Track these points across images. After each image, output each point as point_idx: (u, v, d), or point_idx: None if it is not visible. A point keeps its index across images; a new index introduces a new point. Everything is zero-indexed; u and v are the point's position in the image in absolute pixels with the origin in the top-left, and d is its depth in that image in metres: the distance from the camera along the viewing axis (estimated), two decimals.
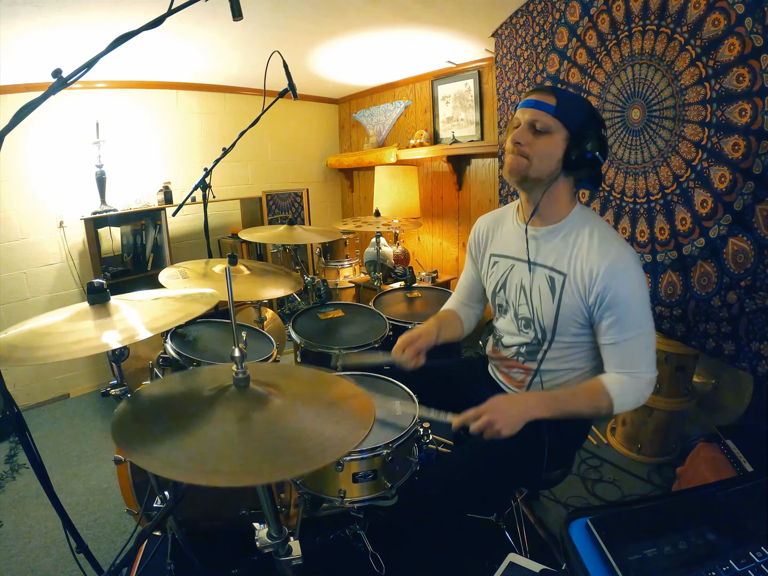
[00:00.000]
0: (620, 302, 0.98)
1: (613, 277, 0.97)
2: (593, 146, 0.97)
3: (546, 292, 1.07)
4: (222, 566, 1.36)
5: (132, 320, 0.88)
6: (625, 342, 1.00)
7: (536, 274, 1.09)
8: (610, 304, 0.98)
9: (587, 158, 0.98)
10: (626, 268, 0.98)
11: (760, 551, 0.57)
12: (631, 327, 0.99)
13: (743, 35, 1.24)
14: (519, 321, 1.15)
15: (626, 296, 0.98)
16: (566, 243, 1.06)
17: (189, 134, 3.17)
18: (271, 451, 0.65)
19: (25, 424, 0.90)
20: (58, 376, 2.79)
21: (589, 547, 0.63)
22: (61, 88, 0.82)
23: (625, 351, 1.01)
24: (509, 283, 1.17)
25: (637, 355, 1.00)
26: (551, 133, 0.99)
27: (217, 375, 0.86)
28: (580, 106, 1.03)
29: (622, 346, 1.00)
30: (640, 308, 0.99)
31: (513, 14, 2.22)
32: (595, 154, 0.98)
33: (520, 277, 1.13)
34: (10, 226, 2.52)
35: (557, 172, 1.02)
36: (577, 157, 0.98)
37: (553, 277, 1.06)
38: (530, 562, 0.74)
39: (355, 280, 3.06)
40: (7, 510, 1.82)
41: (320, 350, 1.54)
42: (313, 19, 2.20)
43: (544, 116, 0.99)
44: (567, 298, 1.04)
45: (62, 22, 1.90)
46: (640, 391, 1.01)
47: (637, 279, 0.99)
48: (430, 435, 1.20)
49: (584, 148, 0.98)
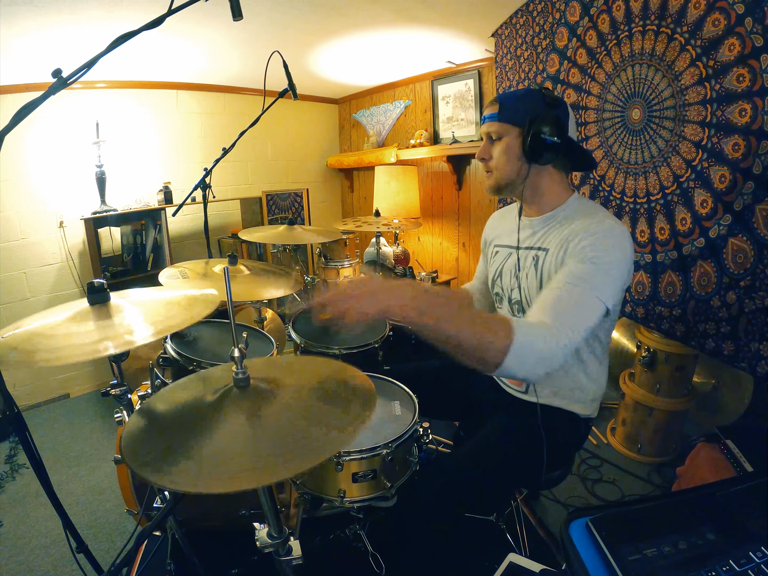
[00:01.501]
0: (586, 253, 0.92)
1: (590, 234, 0.95)
2: (549, 131, 0.98)
3: (531, 272, 1.09)
4: (222, 566, 1.36)
5: (133, 323, 0.88)
6: (560, 289, 0.89)
7: (527, 259, 1.11)
8: (577, 253, 0.94)
9: (547, 143, 0.99)
10: (601, 230, 0.95)
11: (760, 551, 0.57)
12: (575, 278, 0.89)
13: (743, 35, 1.24)
14: (513, 307, 1.17)
15: (594, 251, 0.92)
16: (559, 227, 1.06)
17: (189, 134, 3.17)
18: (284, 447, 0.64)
19: (25, 424, 0.90)
20: (58, 376, 2.79)
21: (589, 547, 0.63)
22: (61, 88, 0.82)
23: (555, 297, 0.88)
24: (504, 271, 1.20)
25: (564, 306, 0.86)
26: (503, 137, 1.05)
27: (216, 377, 0.85)
28: (524, 99, 1.05)
29: (555, 292, 0.89)
30: (601, 270, 0.90)
31: (513, 14, 2.22)
32: (554, 138, 0.98)
33: (514, 263, 1.16)
34: (10, 226, 2.52)
35: (525, 167, 1.04)
36: (535, 147, 1.00)
37: (538, 255, 1.08)
38: (530, 562, 0.75)
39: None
40: (7, 510, 1.82)
41: (320, 350, 1.54)
42: (313, 18, 2.20)
43: (493, 125, 1.06)
44: (546, 270, 1.04)
45: (62, 22, 1.90)
46: (547, 351, 0.81)
47: (615, 247, 0.93)
48: (429, 435, 1.20)
49: (539, 136, 0.99)
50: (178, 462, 0.62)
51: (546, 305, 0.88)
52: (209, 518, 1.32)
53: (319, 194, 4.03)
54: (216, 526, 1.38)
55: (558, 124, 0.99)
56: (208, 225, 1.99)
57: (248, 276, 1.62)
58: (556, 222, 1.08)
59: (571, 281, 0.90)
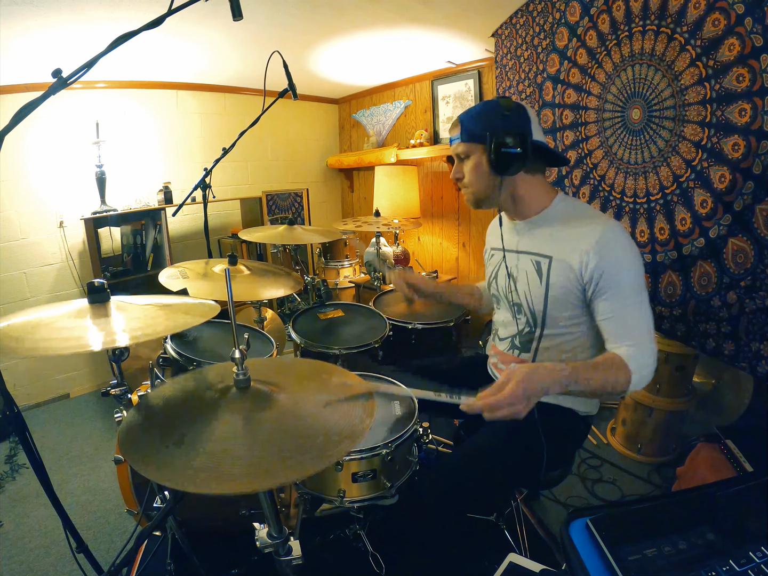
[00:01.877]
0: (614, 276, 0.97)
1: (605, 250, 0.98)
2: (511, 141, 0.99)
3: (533, 276, 1.10)
4: (222, 566, 1.36)
5: (127, 324, 0.87)
6: (624, 315, 0.98)
7: (521, 261, 1.14)
8: (605, 280, 0.98)
9: (512, 155, 1.00)
10: (616, 239, 0.98)
11: (760, 551, 0.57)
12: (628, 299, 0.98)
13: (743, 35, 1.24)
14: (512, 308, 1.18)
15: (619, 270, 0.98)
16: (549, 229, 1.09)
17: (189, 134, 3.17)
18: (282, 451, 0.64)
19: (25, 424, 0.90)
20: (58, 376, 2.79)
21: (589, 547, 0.63)
22: (61, 88, 0.82)
23: (625, 323, 0.98)
24: (500, 273, 1.22)
25: (637, 325, 0.98)
26: (469, 156, 1.08)
27: (217, 376, 0.85)
28: (482, 115, 1.05)
29: (622, 319, 0.98)
30: (634, 279, 0.98)
31: (513, 14, 2.22)
32: (516, 148, 0.99)
33: (508, 266, 1.18)
34: (10, 226, 2.52)
35: (497, 180, 1.06)
36: (500, 160, 1.01)
37: (539, 261, 1.09)
38: (530, 562, 0.75)
39: (355, 280, 3.06)
40: (7, 510, 1.82)
41: (320, 350, 1.54)
42: (313, 18, 2.20)
43: (458, 146, 1.09)
44: (555, 278, 1.05)
45: (62, 22, 1.90)
46: (649, 363, 0.96)
47: (629, 249, 0.99)
48: (429, 435, 1.20)
49: (501, 149, 1.00)
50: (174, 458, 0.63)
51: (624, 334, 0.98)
52: (209, 518, 1.32)
53: (319, 194, 4.03)
54: (216, 526, 1.38)
55: (518, 133, 1.00)
56: (208, 225, 1.99)
57: (248, 276, 1.62)
58: (542, 224, 1.10)
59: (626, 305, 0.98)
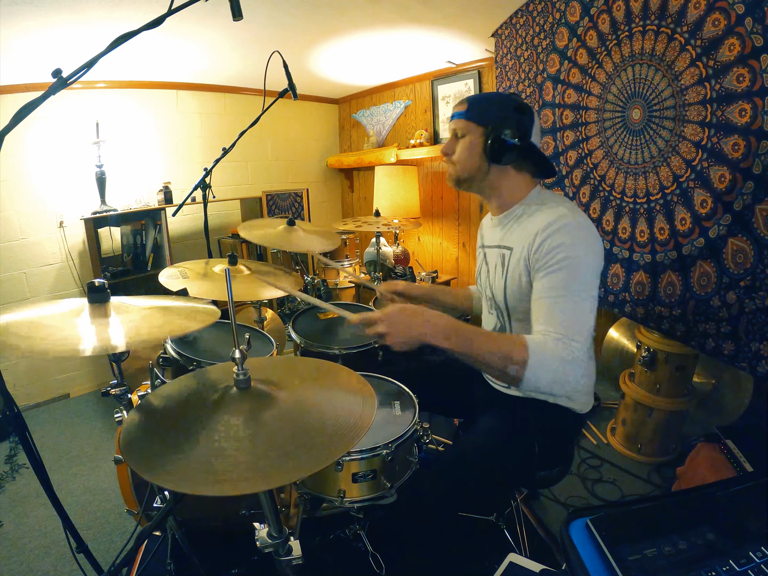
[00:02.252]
0: (553, 257, 0.94)
1: (550, 233, 0.96)
2: (511, 133, 1.01)
3: (498, 269, 1.13)
4: (222, 566, 1.36)
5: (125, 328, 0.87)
6: (554, 298, 0.93)
7: (493, 257, 1.16)
8: (544, 260, 0.96)
9: (507, 145, 1.02)
10: (566, 226, 0.96)
11: (760, 551, 0.57)
12: (566, 284, 0.93)
13: (743, 35, 1.24)
14: (489, 303, 1.22)
15: (565, 252, 0.94)
16: (517, 222, 1.11)
17: (189, 134, 3.17)
18: (283, 451, 0.64)
19: (25, 424, 0.90)
20: (58, 376, 2.79)
21: (589, 547, 0.63)
22: (61, 88, 0.82)
23: (552, 308, 0.92)
24: (482, 270, 1.24)
25: (566, 316, 0.91)
26: (467, 134, 1.09)
27: (217, 376, 0.85)
28: (493, 101, 1.09)
29: (551, 303, 0.93)
30: (580, 268, 0.93)
31: (513, 14, 2.22)
32: (515, 140, 1.02)
33: (485, 262, 1.21)
34: (10, 226, 2.52)
35: (485, 165, 1.08)
36: (497, 146, 1.03)
37: (504, 254, 1.11)
38: (530, 562, 0.75)
39: (355, 280, 3.06)
40: (7, 510, 1.82)
41: (320, 350, 1.54)
42: (313, 18, 2.20)
43: (459, 123, 1.10)
44: (512, 269, 1.07)
45: (62, 22, 1.90)
46: (562, 365, 0.86)
47: (581, 239, 0.95)
48: (429, 435, 1.20)
49: (501, 138, 1.02)
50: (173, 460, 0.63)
51: (547, 320, 0.93)
52: (209, 518, 1.32)
53: (319, 194, 4.03)
54: (216, 526, 1.38)
55: (521, 128, 1.02)
56: (208, 225, 1.99)
57: (248, 276, 1.62)
58: (514, 217, 1.12)
59: (555, 293, 0.93)
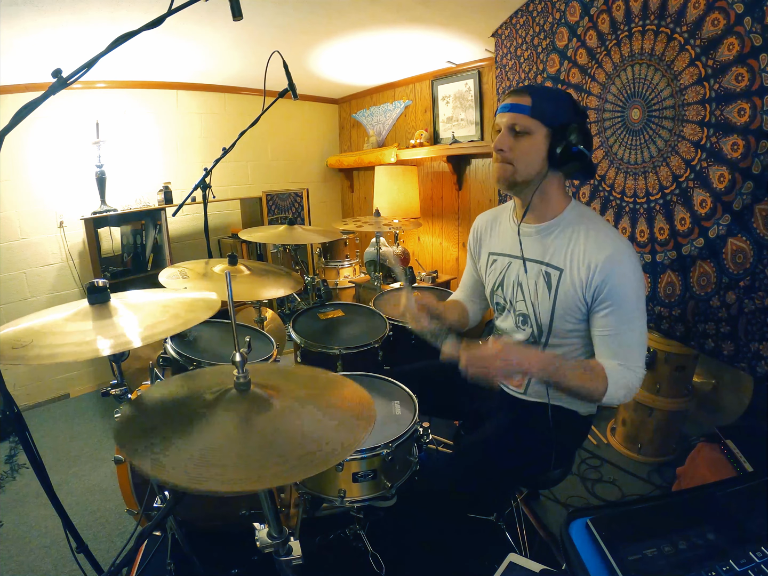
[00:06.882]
0: (617, 293, 0.98)
1: (611, 268, 0.98)
2: (577, 139, 0.96)
3: (543, 288, 1.07)
4: (222, 566, 1.36)
5: (131, 325, 0.88)
6: (619, 333, 0.99)
7: (532, 271, 1.10)
8: (608, 295, 0.99)
9: (573, 152, 0.97)
10: (623, 260, 0.98)
11: (760, 551, 0.57)
12: (627, 319, 0.98)
13: (742, 35, 1.24)
14: (517, 317, 1.15)
15: (623, 288, 0.98)
16: (562, 239, 1.06)
17: (189, 134, 3.17)
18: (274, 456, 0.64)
19: (25, 424, 0.90)
20: (58, 376, 2.78)
21: (589, 547, 0.63)
22: (61, 88, 0.82)
23: (620, 342, 0.99)
24: (506, 281, 1.17)
25: (631, 347, 0.99)
26: (531, 133, 0.98)
27: (217, 377, 0.85)
28: (558, 100, 1.01)
29: (617, 338, 0.99)
30: (636, 301, 0.99)
31: (513, 14, 2.22)
32: (580, 147, 0.96)
33: (516, 274, 1.14)
34: (10, 226, 2.52)
35: (545, 170, 1.02)
36: (562, 153, 0.97)
37: (549, 273, 1.07)
38: (530, 562, 0.74)
39: (355, 280, 3.06)
40: (7, 510, 1.82)
41: (320, 350, 1.54)
42: (313, 18, 2.20)
43: (521, 118, 0.98)
44: (563, 292, 1.04)
45: (62, 22, 1.90)
46: (630, 384, 0.98)
47: (634, 271, 0.99)
48: (429, 435, 1.19)
49: (568, 143, 0.97)
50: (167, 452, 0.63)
51: (616, 353, 1.00)
52: (209, 518, 1.32)
53: (319, 194, 4.03)
54: (216, 526, 1.38)
55: (585, 134, 0.98)
56: (208, 225, 1.98)
57: (248, 276, 1.62)
58: (556, 232, 1.07)
59: (624, 328, 0.99)
